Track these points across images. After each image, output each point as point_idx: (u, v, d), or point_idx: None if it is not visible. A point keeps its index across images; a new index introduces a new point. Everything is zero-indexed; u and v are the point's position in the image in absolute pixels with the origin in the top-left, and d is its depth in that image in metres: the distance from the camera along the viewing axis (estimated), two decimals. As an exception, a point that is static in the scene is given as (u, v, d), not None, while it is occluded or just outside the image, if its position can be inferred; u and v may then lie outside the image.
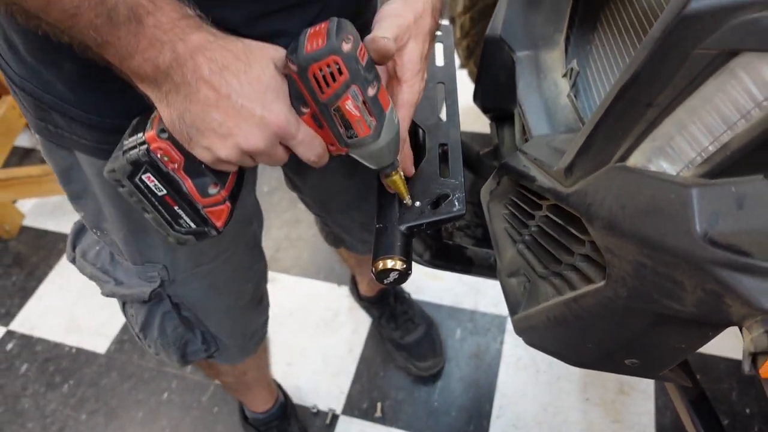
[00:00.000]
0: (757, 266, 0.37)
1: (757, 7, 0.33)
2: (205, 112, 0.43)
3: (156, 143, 0.46)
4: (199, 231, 0.52)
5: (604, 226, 0.46)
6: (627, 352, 0.54)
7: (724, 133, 0.39)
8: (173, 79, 0.42)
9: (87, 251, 0.75)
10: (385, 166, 0.53)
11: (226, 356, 0.88)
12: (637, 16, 0.64)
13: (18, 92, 0.55)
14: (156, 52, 0.41)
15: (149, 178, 0.47)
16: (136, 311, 0.75)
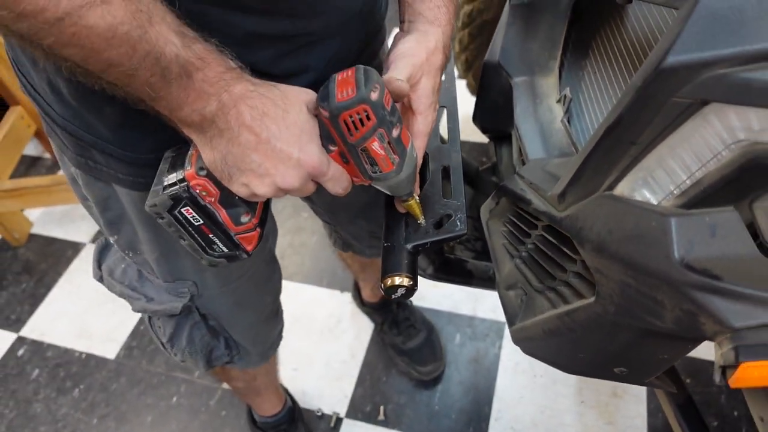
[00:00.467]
0: (726, 289, 0.42)
1: (724, 64, 0.38)
2: (246, 155, 0.47)
3: (195, 180, 0.50)
4: (230, 255, 0.56)
5: (594, 248, 0.51)
6: (616, 362, 0.59)
7: (699, 170, 0.43)
8: (218, 125, 0.46)
9: (113, 269, 0.78)
10: (406, 194, 0.58)
11: (246, 361, 0.93)
12: (626, 46, 0.69)
13: (58, 131, 0.59)
14: (203, 103, 0.45)
15: (188, 211, 0.51)
16: (164, 323, 0.79)
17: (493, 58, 0.81)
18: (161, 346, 0.83)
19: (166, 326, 0.79)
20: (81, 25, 0.37)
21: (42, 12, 0.36)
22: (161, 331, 0.80)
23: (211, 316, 0.81)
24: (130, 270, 0.77)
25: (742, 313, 0.41)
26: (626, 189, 0.49)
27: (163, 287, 0.75)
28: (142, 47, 0.40)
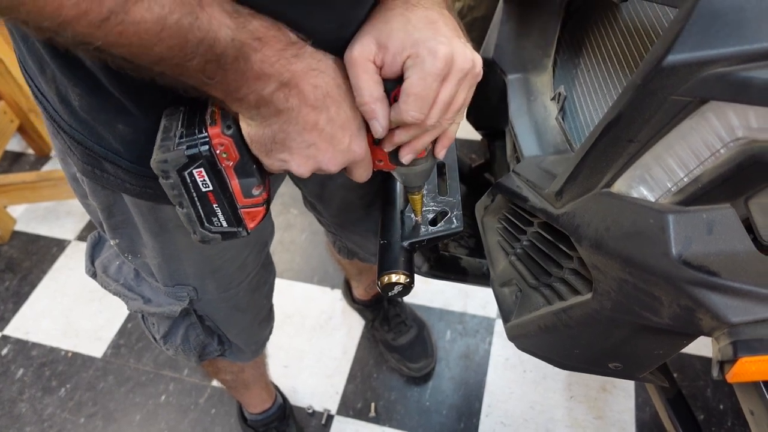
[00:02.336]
0: (724, 285, 0.42)
1: (724, 63, 0.39)
2: (300, 134, 0.44)
3: (219, 139, 0.46)
4: (228, 231, 0.52)
5: (591, 245, 0.51)
6: (611, 358, 0.59)
7: (697, 168, 0.44)
8: (276, 105, 0.43)
9: (108, 266, 0.77)
10: (418, 186, 0.58)
11: (238, 357, 0.93)
12: (620, 45, 0.70)
13: (65, 137, 0.56)
14: (263, 84, 0.41)
15: (200, 173, 0.47)
16: (159, 322, 0.78)
17: (488, 54, 0.81)
18: (153, 340, 0.83)
19: (161, 325, 0.78)
20: (128, 22, 0.35)
21: (85, 15, 0.33)
22: (155, 329, 0.80)
23: (208, 318, 0.80)
24: (126, 267, 0.76)
25: (739, 308, 0.42)
26: (624, 186, 0.49)
27: (162, 290, 0.73)
28: (194, 35, 0.37)
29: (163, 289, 0.73)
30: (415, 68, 0.43)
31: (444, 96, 0.45)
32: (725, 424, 1.27)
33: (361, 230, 0.91)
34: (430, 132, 0.47)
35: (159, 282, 0.73)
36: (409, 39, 0.43)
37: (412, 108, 0.44)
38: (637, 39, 0.67)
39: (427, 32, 0.44)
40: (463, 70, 0.45)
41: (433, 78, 0.43)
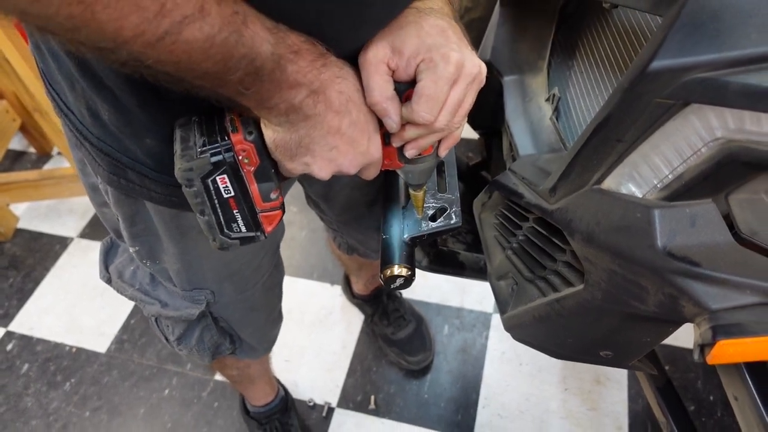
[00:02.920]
0: (705, 274, 0.46)
1: (704, 69, 0.42)
2: (324, 138, 0.46)
3: (241, 145, 0.48)
4: (247, 236, 0.54)
5: (583, 238, 0.54)
6: (602, 346, 0.63)
7: (680, 165, 0.47)
8: (304, 111, 0.45)
9: (122, 272, 0.77)
10: (421, 183, 0.60)
11: (249, 354, 0.95)
12: (611, 48, 0.73)
13: (89, 148, 0.58)
14: (295, 93, 0.43)
15: (222, 180, 0.49)
16: (174, 324, 0.79)
17: (485, 56, 0.84)
18: (165, 341, 0.84)
19: (176, 327, 0.80)
20: (180, 41, 0.36)
21: (142, 35, 0.34)
22: (169, 330, 0.81)
23: (223, 319, 0.82)
24: (141, 272, 0.77)
25: (718, 296, 0.45)
26: (613, 183, 0.53)
27: (179, 294, 0.75)
28: (239, 51, 0.39)
29: (180, 293, 0.75)
30: (428, 72, 0.46)
31: (453, 99, 0.48)
32: (715, 414, 1.31)
33: (363, 227, 0.93)
34: (438, 132, 0.50)
35: (177, 286, 0.74)
36: (423, 45, 0.46)
37: (423, 109, 0.47)
38: (627, 42, 0.70)
39: (439, 39, 0.46)
40: (472, 75, 0.48)
41: (444, 81, 0.46)
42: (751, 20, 0.41)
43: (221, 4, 0.37)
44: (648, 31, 0.64)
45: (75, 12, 0.31)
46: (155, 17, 0.34)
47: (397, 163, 0.55)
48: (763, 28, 0.40)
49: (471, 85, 0.49)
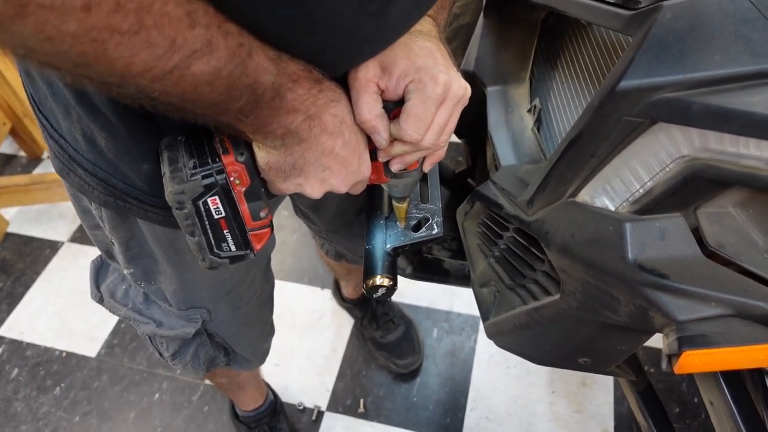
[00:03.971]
0: (673, 286, 0.47)
1: (669, 89, 0.43)
2: (318, 159, 0.47)
3: (233, 166, 0.48)
4: (237, 255, 0.54)
5: (558, 250, 0.56)
6: (580, 353, 0.64)
7: (650, 181, 0.49)
8: (300, 135, 0.45)
9: (114, 291, 0.77)
10: (405, 196, 0.62)
11: (243, 366, 0.96)
12: (591, 60, 0.74)
13: (82, 174, 0.57)
14: (292, 118, 0.44)
15: (214, 201, 0.49)
16: (168, 342, 0.80)
17: (468, 67, 0.85)
18: (159, 356, 0.84)
19: (171, 345, 0.80)
20: (187, 75, 0.36)
21: (150, 71, 0.35)
22: (163, 347, 0.81)
23: (218, 335, 0.83)
24: (133, 291, 0.76)
25: (685, 307, 0.46)
26: (587, 196, 0.54)
27: (174, 313, 0.75)
28: (242, 82, 0.39)
29: (176, 313, 0.75)
30: (417, 92, 0.47)
31: (440, 119, 0.49)
32: (699, 416, 1.33)
33: (351, 235, 0.95)
34: (424, 150, 0.52)
35: (172, 306, 0.74)
36: (412, 66, 0.47)
37: (411, 128, 0.48)
38: (605, 55, 0.71)
39: (428, 60, 0.48)
40: (458, 96, 0.49)
41: (432, 102, 0.48)
42: (714, 43, 0.42)
43: (227, 38, 0.37)
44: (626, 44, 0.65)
45: (87, 50, 0.31)
46: (165, 53, 0.34)
47: (383, 178, 0.57)
48: (725, 51, 0.41)
49: (456, 106, 0.50)
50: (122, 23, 0.31)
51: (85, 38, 0.31)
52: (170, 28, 0.33)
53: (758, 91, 0.40)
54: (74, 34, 0.30)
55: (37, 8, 0.28)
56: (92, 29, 0.30)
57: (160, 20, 0.32)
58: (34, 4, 0.28)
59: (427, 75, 0.47)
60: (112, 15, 0.30)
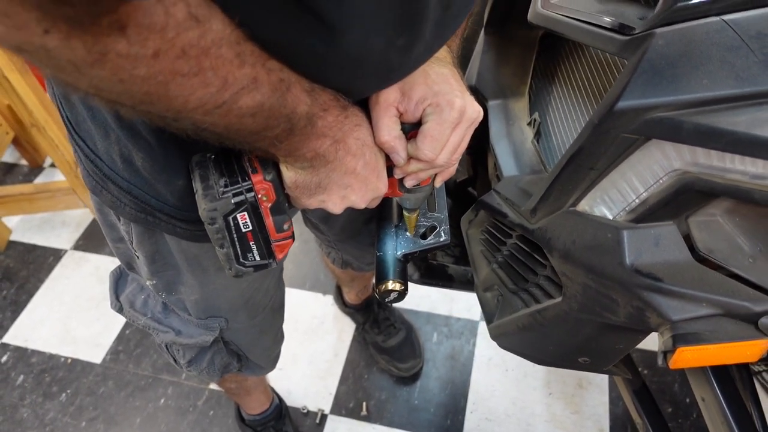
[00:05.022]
0: (667, 289, 0.51)
1: (662, 109, 0.47)
2: (342, 178, 0.51)
3: (261, 185, 0.51)
4: (261, 264, 0.57)
5: (560, 255, 0.60)
6: (580, 352, 0.68)
7: (645, 192, 0.53)
8: (327, 157, 0.49)
9: (134, 301, 0.79)
10: (416, 208, 0.66)
11: (255, 371, 1.00)
12: (586, 76, 0.79)
13: (115, 190, 0.60)
14: (321, 143, 0.48)
15: (243, 216, 0.52)
16: (185, 350, 0.83)
17: (470, 81, 0.89)
18: (174, 363, 0.87)
19: (188, 352, 0.83)
20: (234, 108, 0.39)
21: (203, 106, 0.38)
22: (180, 354, 0.84)
23: (233, 343, 0.86)
24: (152, 301, 0.79)
25: (679, 308, 0.50)
26: (587, 206, 0.58)
27: (193, 322, 0.78)
28: (281, 113, 0.43)
29: (195, 321, 0.78)
30: (434, 115, 0.52)
31: (454, 140, 0.53)
32: (691, 416, 1.37)
33: (360, 243, 0.98)
34: (437, 167, 0.56)
35: (192, 315, 0.77)
36: (430, 91, 0.52)
37: (427, 148, 0.52)
38: (600, 72, 0.76)
39: (444, 86, 0.52)
40: (471, 120, 0.54)
41: (448, 125, 0.52)
42: (703, 68, 0.46)
43: (270, 74, 0.41)
44: (620, 62, 0.70)
45: (152, 90, 0.35)
46: (218, 91, 0.37)
47: (397, 192, 0.61)
48: (712, 76, 0.46)
49: (469, 128, 0.54)
50: (184, 67, 0.34)
51: (153, 80, 0.34)
52: (223, 69, 0.37)
53: (742, 112, 0.44)
54: (143, 77, 0.34)
55: (116, 56, 0.32)
56: (159, 73, 0.34)
57: (215, 62, 0.36)
58: (113, 53, 0.31)
59: (444, 100, 0.51)
60: (177, 60, 0.34)
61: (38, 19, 0.28)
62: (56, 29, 0.29)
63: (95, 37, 0.30)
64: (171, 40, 0.33)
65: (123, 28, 0.31)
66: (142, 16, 0.31)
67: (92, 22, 0.30)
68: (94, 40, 0.30)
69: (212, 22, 0.35)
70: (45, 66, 0.33)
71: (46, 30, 0.29)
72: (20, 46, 0.30)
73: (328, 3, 0.38)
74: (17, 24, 0.28)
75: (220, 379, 1.10)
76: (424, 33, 0.46)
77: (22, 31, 0.29)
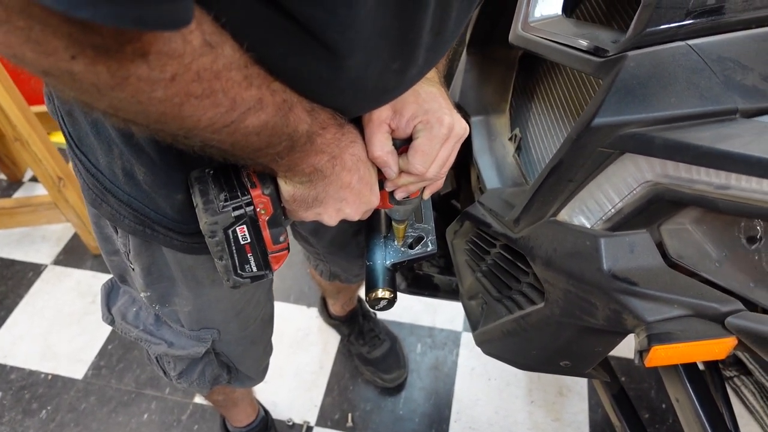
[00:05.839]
0: (642, 292, 0.55)
1: (634, 125, 0.51)
2: (338, 192, 0.54)
3: (260, 199, 0.53)
4: (258, 275, 0.59)
5: (543, 262, 0.63)
6: (561, 356, 0.72)
7: (620, 202, 0.57)
8: (324, 172, 0.52)
9: (125, 313, 0.80)
10: (405, 219, 0.69)
11: (245, 383, 1.01)
12: (564, 93, 0.83)
13: (115, 203, 0.62)
14: (319, 159, 0.51)
15: (242, 230, 0.54)
16: (176, 362, 0.83)
17: (453, 98, 0.93)
18: (164, 376, 0.88)
19: (178, 364, 0.84)
20: (241, 127, 0.42)
21: (213, 125, 0.40)
22: (170, 366, 0.85)
23: (224, 354, 0.87)
24: (144, 313, 0.80)
25: (653, 310, 0.54)
26: (567, 216, 0.62)
27: (185, 334, 0.79)
28: (284, 131, 0.45)
29: (187, 333, 0.79)
30: (424, 132, 0.55)
31: (443, 155, 0.57)
32: (667, 421, 1.42)
33: (348, 255, 1.01)
34: (426, 181, 0.59)
35: (184, 327, 0.79)
36: (420, 109, 0.55)
37: (418, 162, 0.56)
38: (577, 90, 0.80)
39: (434, 104, 0.55)
40: (459, 136, 0.57)
41: (438, 141, 0.55)
42: (671, 88, 0.51)
43: (274, 95, 0.43)
44: (592, 83, 0.74)
45: (167, 110, 0.37)
46: (227, 111, 0.40)
47: (387, 205, 0.64)
48: (679, 95, 0.50)
49: (457, 144, 0.58)
50: (198, 89, 0.37)
51: (169, 102, 0.36)
52: (232, 91, 0.39)
53: (706, 128, 0.49)
54: (160, 99, 0.36)
55: (137, 80, 0.34)
56: (175, 95, 0.36)
57: (226, 84, 0.38)
58: (134, 77, 0.34)
59: (434, 117, 0.55)
60: (191, 83, 0.36)
61: (67, 46, 0.30)
62: (83, 55, 0.31)
63: (119, 62, 0.32)
64: (188, 65, 0.35)
65: (145, 55, 0.33)
66: (163, 44, 0.33)
67: (117, 49, 0.32)
68: (118, 66, 0.33)
69: (224, 47, 0.37)
70: (68, 88, 0.35)
71: (73, 56, 0.31)
72: (47, 70, 0.32)
73: (333, 32, 0.41)
74: (47, 50, 0.30)
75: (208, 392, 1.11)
76: (417, 58, 0.49)
77: (51, 57, 0.31)
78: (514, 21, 0.73)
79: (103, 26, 0.30)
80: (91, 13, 0.27)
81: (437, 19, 0.47)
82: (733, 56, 0.50)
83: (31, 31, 0.29)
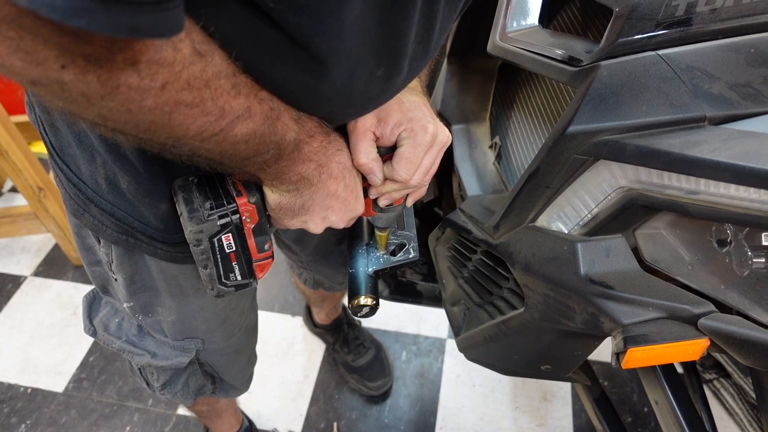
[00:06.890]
0: (618, 295, 0.56)
1: (607, 133, 0.53)
2: (324, 200, 0.54)
3: (245, 207, 0.53)
4: (242, 283, 0.59)
5: (522, 268, 0.65)
6: (542, 360, 0.72)
7: (595, 207, 0.58)
8: (311, 180, 0.52)
9: (107, 324, 0.79)
10: (388, 226, 0.69)
11: (229, 393, 1.00)
12: (542, 102, 0.85)
13: (97, 213, 0.61)
14: (306, 167, 0.51)
15: (227, 238, 0.54)
16: (159, 372, 0.83)
17: (434, 107, 0.95)
18: (147, 387, 0.87)
19: (162, 375, 0.83)
20: (230, 136, 0.42)
21: (201, 134, 0.40)
22: (154, 378, 0.84)
23: (208, 364, 0.87)
24: (126, 324, 0.79)
25: (628, 312, 0.55)
26: (545, 221, 0.63)
27: (169, 344, 0.79)
28: (271, 140, 0.45)
29: (170, 343, 0.79)
30: (409, 139, 0.56)
31: (426, 162, 0.57)
32: (649, 425, 1.43)
33: (332, 263, 1.01)
34: (410, 188, 0.60)
35: (168, 337, 0.78)
36: (404, 117, 0.56)
37: (402, 169, 0.56)
38: (554, 98, 0.82)
39: (417, 112, 0.56)
40: (442, 143, 0.58)
41: (422, 148, 0.56)
42: (642, 97, 0.52)
43: (262, 104, 0.44)
44: (568, 91, 0.76)
45: (157, 119, 0.37)
46: (216, 120, 0.40)
47: (371, 212, 0.64)
48: (650, 103, 0.52)
49: (440, 151, 0.59)
50: (187, 97, 0.37)
51: (158, 110, 0.37)
52: (221, 99, 0.40)
53: (676, 135, 0.50)
54: (150, 108, 0.36)
55: (127, 89, 0.34)
56: (165, 103, 0.36)
57: (214, 93, 0.39)
58: (124, 86, 0.34)
59: (418, 125, 0.55)
60: (181, 92, 0.36)
61: (57, 55, 0.30)
62: (73, 64, 0.31)
63: (110, 71, 0.32)
64: (178, 73, 0.35)
65: (136, 63, 0.33)
66: (154, 52, 0.33)
67: (108, 58, 0.32)
68: (109, 75, 0.33)
69: (213, 56, 0.38)
70: (57, 98, 0.34)
71: (63, 65, 0.31)
72: (36, 80, 0.32)
73: (319, 40, 0.41)
74: (37, 60, 0.30)
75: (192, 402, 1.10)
76: (402, 66, 0.50)
77: (41, 66, 0.31)
78: (493, 31, 0.75)
79: (95, 35, 0.30)
80: (86, 22, 0.27)
81: (422, 29, 0.48)
82: (701, 66, 0.52)
83: (21, 40, 0.29)
